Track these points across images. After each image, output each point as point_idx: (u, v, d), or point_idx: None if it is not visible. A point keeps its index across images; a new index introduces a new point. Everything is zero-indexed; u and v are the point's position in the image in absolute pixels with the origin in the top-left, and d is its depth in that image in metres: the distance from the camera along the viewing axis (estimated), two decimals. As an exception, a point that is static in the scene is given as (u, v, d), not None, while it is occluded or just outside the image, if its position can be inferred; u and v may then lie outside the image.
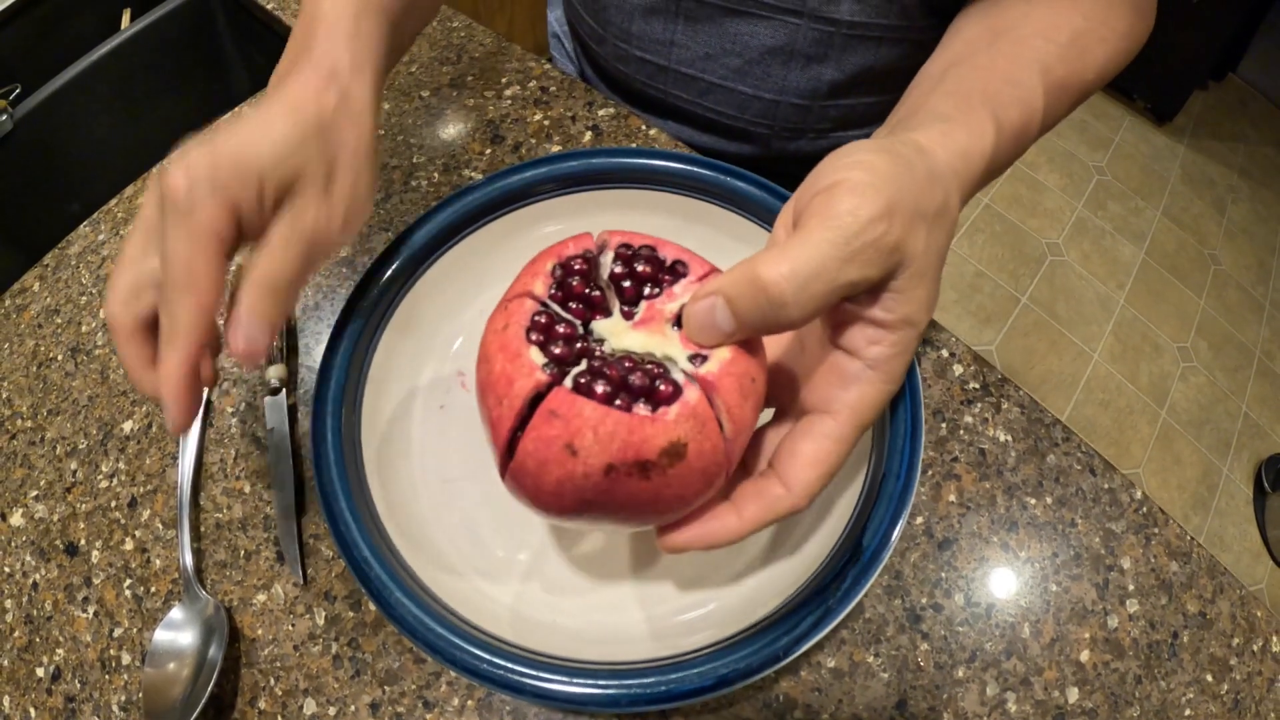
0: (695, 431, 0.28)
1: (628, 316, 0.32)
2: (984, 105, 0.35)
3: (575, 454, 0.27)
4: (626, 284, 0.32)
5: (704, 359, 0.29)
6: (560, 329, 0.29)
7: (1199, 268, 2.08)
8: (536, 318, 0.30)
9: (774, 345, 0.35)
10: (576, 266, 0.31)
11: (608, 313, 0.32)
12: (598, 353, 0.30)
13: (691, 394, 0.28)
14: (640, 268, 0.32)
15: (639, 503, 0.29)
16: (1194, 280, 2.05)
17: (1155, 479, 1.71)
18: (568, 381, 0.28)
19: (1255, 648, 0.44)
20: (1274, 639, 0.44)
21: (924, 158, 0.31)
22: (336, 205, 0.34)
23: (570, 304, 0.31)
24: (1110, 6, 0.41)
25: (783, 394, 0.34)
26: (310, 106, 0.33)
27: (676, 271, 0.32)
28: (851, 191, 0.27)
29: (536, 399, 0.28)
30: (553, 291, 0.31)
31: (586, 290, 0.31)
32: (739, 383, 0.29)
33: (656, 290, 0.32)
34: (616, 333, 0.31)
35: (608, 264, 0.33)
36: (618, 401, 0.28)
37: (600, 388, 0.28)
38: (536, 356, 0.28)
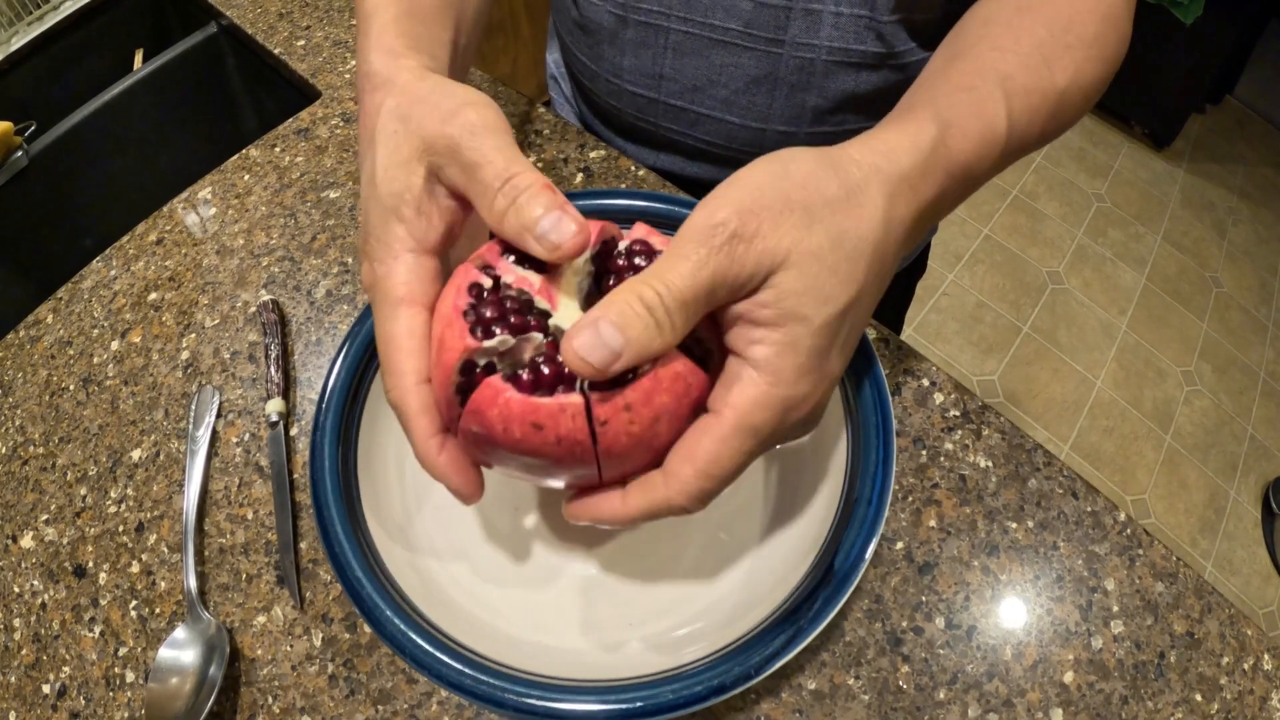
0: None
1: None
2: (924, 108, 0.36)
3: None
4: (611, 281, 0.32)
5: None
6: (491, 311, 0.30)
7: (1201, 291, 2.09)
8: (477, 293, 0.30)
9: None
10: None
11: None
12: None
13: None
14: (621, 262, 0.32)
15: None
16: (1196, 304, 2.06)
17: (1162, 504, 1.71)
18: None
19: (1246, 666, 0.44)
20: (1265, 657, 0.44)
21: (819, 157, 0.31)
22: None
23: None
24: (1074, 15, 0.41)
25: None
26: None
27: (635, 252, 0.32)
28: (704, 205, 0.29)
29: (466, 366, 0.29)
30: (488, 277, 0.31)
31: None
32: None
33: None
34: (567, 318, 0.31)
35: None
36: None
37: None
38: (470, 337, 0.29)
